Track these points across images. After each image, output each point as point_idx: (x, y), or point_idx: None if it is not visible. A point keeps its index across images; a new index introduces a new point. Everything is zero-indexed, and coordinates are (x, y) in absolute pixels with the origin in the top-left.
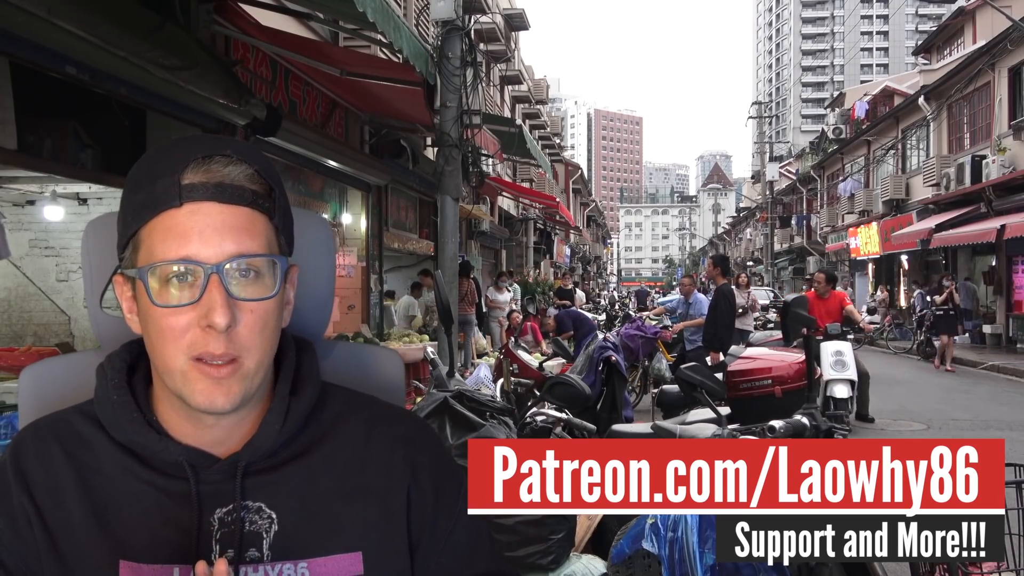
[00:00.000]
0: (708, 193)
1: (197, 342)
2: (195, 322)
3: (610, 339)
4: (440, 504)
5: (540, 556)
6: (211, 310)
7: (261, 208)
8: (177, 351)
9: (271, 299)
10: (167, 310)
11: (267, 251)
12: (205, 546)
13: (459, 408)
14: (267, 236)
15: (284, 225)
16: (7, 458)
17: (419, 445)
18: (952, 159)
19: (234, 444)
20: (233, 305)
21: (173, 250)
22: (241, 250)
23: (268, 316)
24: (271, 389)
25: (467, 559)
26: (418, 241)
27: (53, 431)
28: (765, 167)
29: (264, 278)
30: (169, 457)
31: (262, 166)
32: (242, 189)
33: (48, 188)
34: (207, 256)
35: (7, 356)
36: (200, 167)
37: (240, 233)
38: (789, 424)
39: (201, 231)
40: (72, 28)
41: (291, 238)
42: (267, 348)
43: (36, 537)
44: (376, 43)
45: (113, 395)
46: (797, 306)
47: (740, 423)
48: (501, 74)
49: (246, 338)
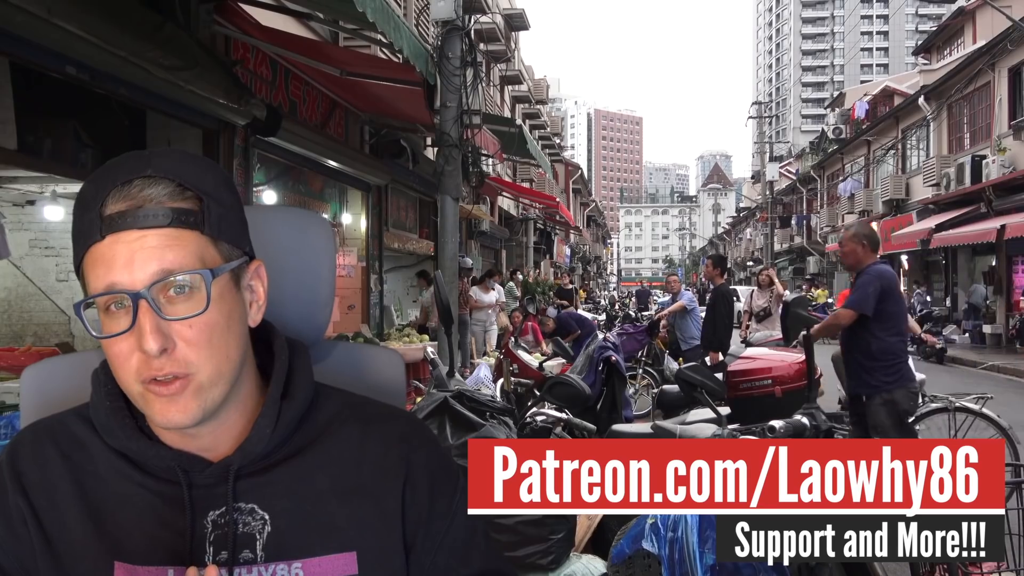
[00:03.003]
0: (708, 193)
1: (141, 368)
2: (135, 347)
3: (610, 339)
4: (435, 503)
5: (540, 556)
6: (141, 337)
7: (185, 224)
8: (128, 377)
9: (205, 313)
10: (109, 340)
11: (195, 266)
12: (199, 548)
13: (459, 408)
14: (195, 251)
15: (223, 230)
16: (4, 459)
17: (414, 444)
18: (952, 159)
19: (226, 448)
20: (166, 327)
21: (100, 280)
22: (164, 270)
23: (211, 328)
24: (262, 393)
25: (463, 558)
26: (418, 241)
27: (50, 433)
28: (765, 167)
29: (197, 293)
30: (161, 463)
31: (189, 178)
32: (161, 210)
33: (48, 188)
34: (130, 282)
35: (7, 356)
36: (120, 194)
37: (164, 253)
38: (789, 424)
39: (122, 258)
40: (72, 28)
41: (240, 238)
42: (220, 359)
43: (32, 537)
44: (376, 43)
45: (106, 401)
46: (797, 306)
47: (740, 423)
48: (501, 74)
49: (190, 355)
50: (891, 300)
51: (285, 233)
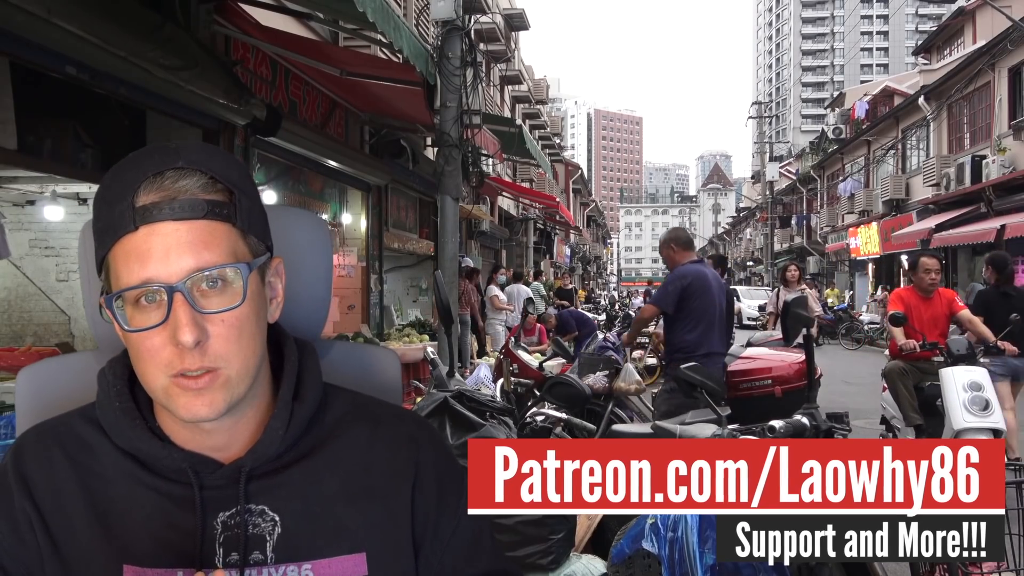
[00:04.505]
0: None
1: (173, 361)
2: (168, 340)
3: (610, 339)
4: (443, 503)
5: (540, 556)
6: (177, 329)
7: (219, 216)
8: (157, 371)
9: (240, 307)
10: (140, 334)
11: (229, 260)
12: (208, 550)
13: (459, 408)
14: (229, 244)
15: (251, 224)
16: (9, 462)
17: (422, 445)
18: (952, 159)
19: (237, 449)
20: (201, 320)
21: (135, 274)
22: (200, 264)
23: (243, 323)
24: (273, 393)
25: (470, 558)
26: (418, 241)
27: (55, 435)
28: (765, 167)
29: (231, 287)
30: (172, 463)
31: (218, 170)
32: (196, 202)
33: (48, 188)
34: (167, 275)
35: (7, 356)
36: (152, 185)
37: (198, 247)
38: (789, 424)
39: (158, 251)
40: (72, 28)
41: (264, 233)
42: (248, 354)
43: (38, 541)
44: (376, 43)
45: (115, 401)
46: (797, 306)
47: (740, 423)
48: (501, 74)
49: (221, 348)
50: (695, 299)
51: (281, 232)
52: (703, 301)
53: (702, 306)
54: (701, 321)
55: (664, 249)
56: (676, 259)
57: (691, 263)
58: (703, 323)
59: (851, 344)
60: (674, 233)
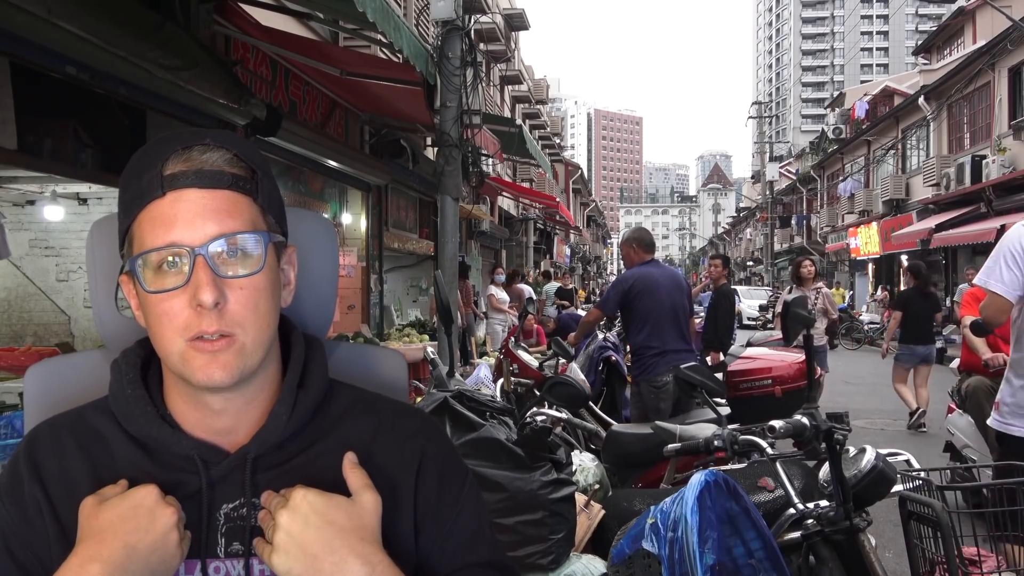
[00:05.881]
0: (708, 193)
1: (191, 323)
2: (187, 304)
3: (610, 339)
4: (444, 492)
5: (540, 556)
6: (198, 289)
7: (242, 190)
8: (175, 334)
9: (259, 274)
10: (160, 296)
11: (251, 229)
12: (211, 540)
13: (459, 408)
14: (250, 216)
15: (270, 205)
16: (21, 451)
17: (425, 436)
18: (952, 159)
19: (242, 435)
20: (221, 283)
21: (160, 237)
22: (223, 230)
23: (259, 292)
24: (279, 381)
25: (470, 546)
26: (418, 241)
27: (68, 426)
28: (765, 167)
29: (251, 256)
30: (181, 451)
31: (241, 150)
32: (221, 173)
33: (48, 188)
34: (191, 239)
35: (7, 356)
36: (180, 157)
37: (222, 215)
38: (789, 424)
39: (184, 216)
40: (72, 28)
41: (281, 218)
42: (263, 325)
43: (47, 526)
44: (376, 43)
45: (128, 389)
46: (797, 306)
47: (740, 423)
48: (501, 74)
49: (238, 314)
50: (639, 300)
51: (289, 232)
52: (648, 301)
53: (647, 306)
54: (648, 321)
55: (625, 246)
56: (634, 259)
57: (641, 265)
58: (650, 323)
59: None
60: (639, 233)
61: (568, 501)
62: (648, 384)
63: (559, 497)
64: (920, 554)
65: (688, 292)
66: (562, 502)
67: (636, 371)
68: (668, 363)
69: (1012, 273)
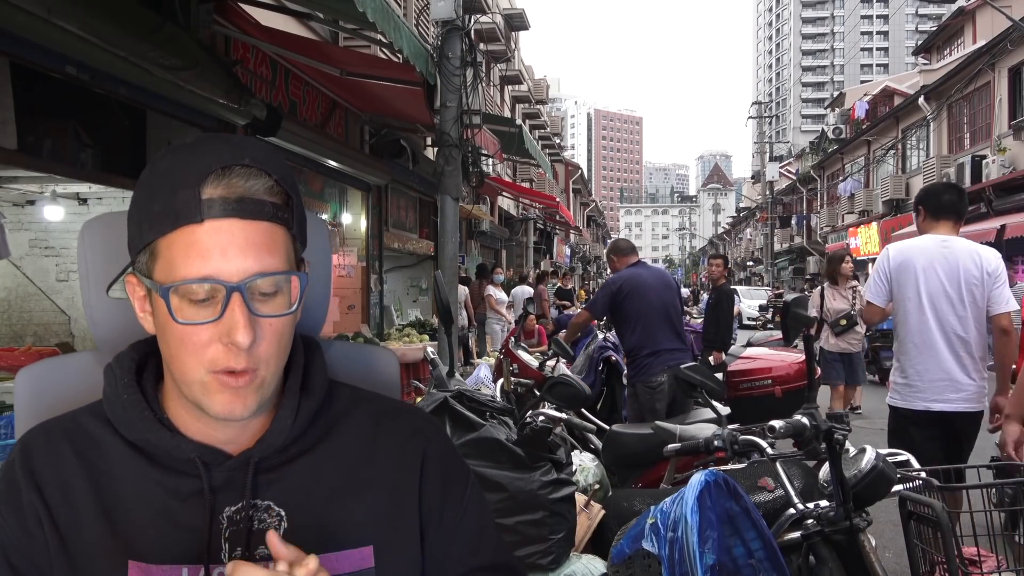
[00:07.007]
0: (708, 193)
1: (219, 358)
2: (216, 338)
3: (610, 339)
4: (448, 494)
5: (540, 556)
6: (233, 329)
7: (280, 220)
8: (198, 364)
9: (289, 315)
10: (188, 327)
11: (286, 266)
12: (215, 545)
13: (459, 408)
14: (286, 249)
15: (300, 231)
16: (16, 457)
17: (427, 437)
18: (952, 159)
19: (245, 442)
20: (255, 322)
21: (195, 268)
22: (262, 268)
23: (285, 329)
24: (281, 386)
25: (475, 549)
26: (418, 241)
27: (63, 431)
28: (765, 167)
29: (284, 294)
30: (181, 454)
31: (281, 175)
32: (262, 204)
33: (48, 188)
34: (229, 274)
35: (7, 356)
36: (220, 180)
37: (261, 250)
38: (789, 424)
39: (223, 249)
40: (72, 28)
41: (305, 238)
42: (282, 357)
43: (46, 536)
44: (376, 43)
45: (123, 394)
46: (797, 306)
47: (740, 423)
48: (501, 74)
49: (265, 352)
50: (627, 301)
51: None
52: (639, 302)
53: (638, 307)
54: (639, 322)
55: (609, 256)
56: (618, 266)
57: (629, 267)
58: (641, 323)
59: None
60: (614, 244)
61: (568, 501)
62: (643, 385)
63: (559, 497)
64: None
65: (679, 290)
66: (562, 502)
67: (631, 373)
68: (663, 363)
69: (879, 286)
